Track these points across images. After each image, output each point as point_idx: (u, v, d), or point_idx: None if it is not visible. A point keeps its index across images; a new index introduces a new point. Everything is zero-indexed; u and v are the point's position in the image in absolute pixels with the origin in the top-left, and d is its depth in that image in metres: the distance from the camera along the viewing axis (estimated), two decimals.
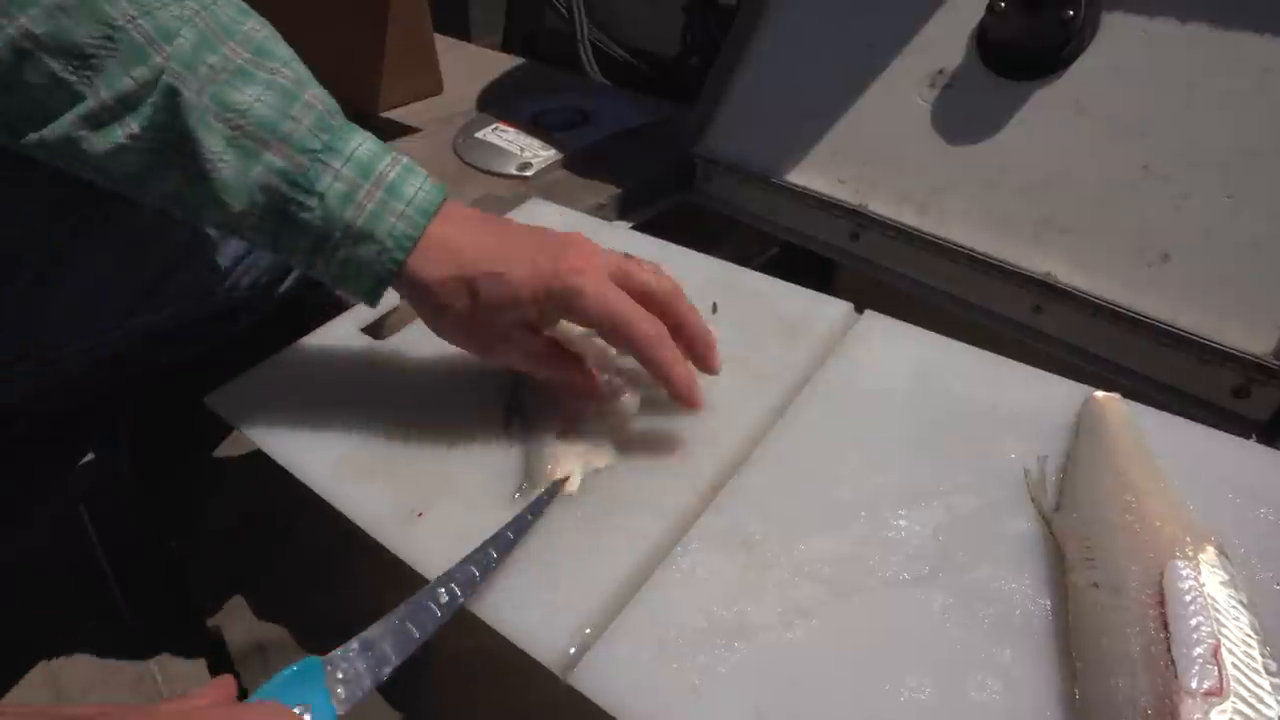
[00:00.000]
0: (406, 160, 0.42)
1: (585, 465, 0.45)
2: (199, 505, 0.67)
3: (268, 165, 0.39)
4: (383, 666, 0.34)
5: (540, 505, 0.43)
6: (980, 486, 0.43)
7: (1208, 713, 0.29)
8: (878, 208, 0.69)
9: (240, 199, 0.39)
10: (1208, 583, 0.34)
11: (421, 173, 0.42)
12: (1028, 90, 0.62)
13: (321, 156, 0.39)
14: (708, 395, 0.46)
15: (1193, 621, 0.32)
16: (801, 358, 0.52)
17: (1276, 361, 0.51)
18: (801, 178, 0.73)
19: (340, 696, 0.32)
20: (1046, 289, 0.60)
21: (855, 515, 0.42)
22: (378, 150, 0.41)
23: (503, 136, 0.94)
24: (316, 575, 0.59)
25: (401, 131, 1.02)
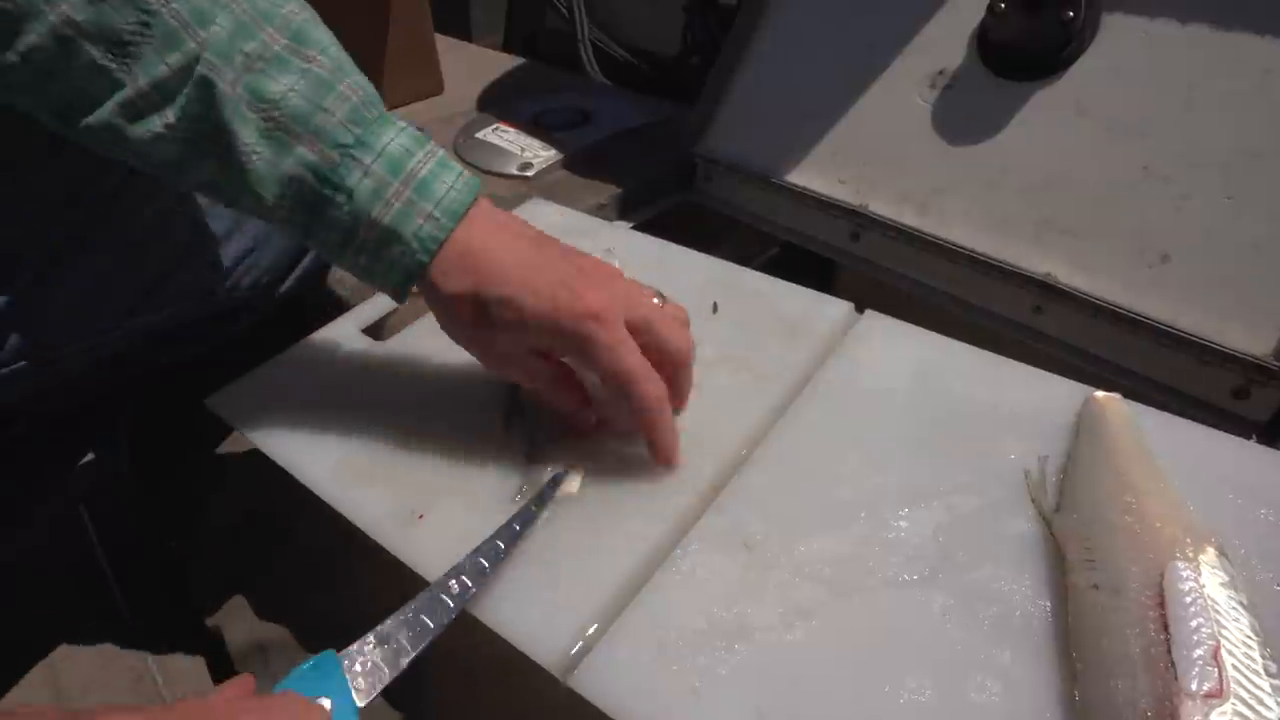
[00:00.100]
0: (441, 155, 0.41)
1: (586, 466, 0.45)
2: (199, 505, 0.67)
3: (299, 159, 0.38)
4: (400, 658, 0.34)
5: (545, 498, 0.43)
6: (980, 487, 0.43)
7: (1208, 714, 0.29)
8: (878, 208, 0.69)
9: (272, 191, 0.39)
10: (1208, 584, 0.34)
11: (455, 169, 0.41)
12: (1028, 91, 0.62)
13: (353, 151, 0.39)
14: (708, 395, 0.46)
15: (1193, 623, 0.32)
16: (802, 358, 0.52)
17: (1276, 362, 0.51)
18: (802, 178, 0.73)
19: (360, 688, 0.32)
20: (1047, 289, 0.60)
21: (855, 515, 0.42)
22: (411, 144, 0.40)
23: (503, 136, 0.94)
24: (316, 576, 0.59)
25: None
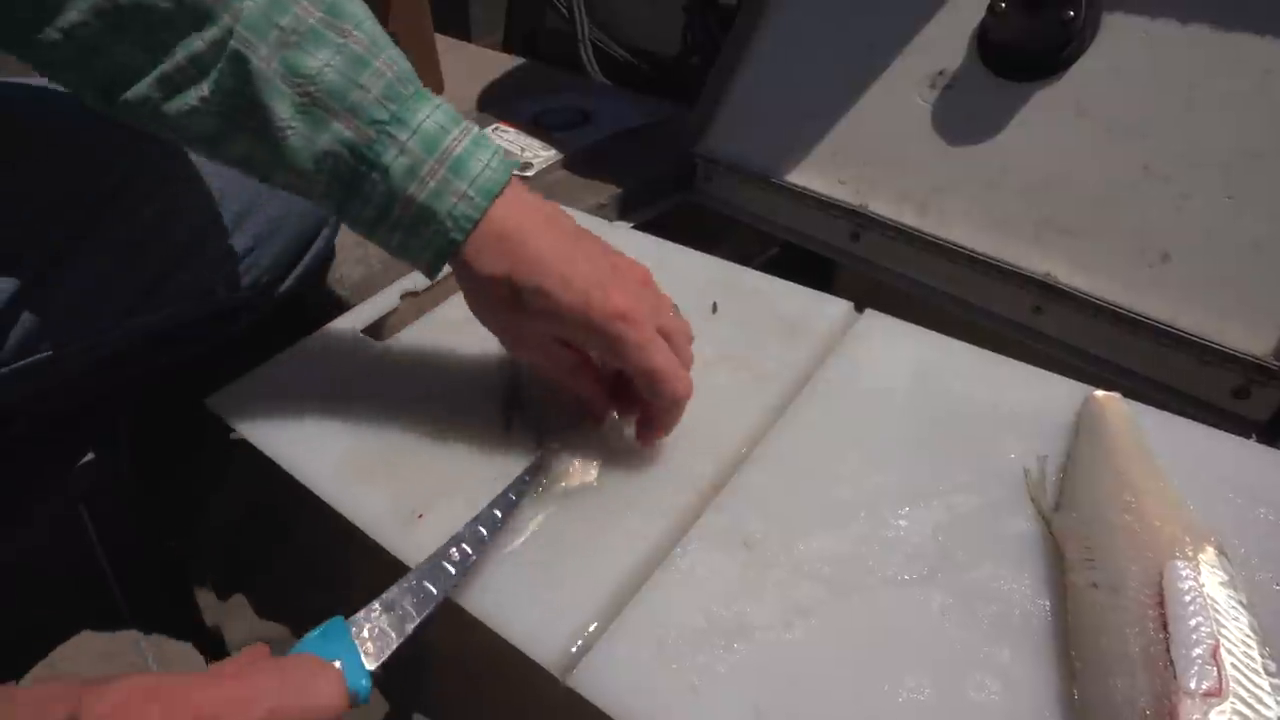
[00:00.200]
0: (476, 132, 0.41)
1: (598, 460, 0.46)
2: (199, 505, 0.68)
3: (335, 135, 0.38)
4: (406, 623, 0.35)
5: (537, 469, 0.44)
6: (980, 486, 0.43)
7: (1206, 713, 0.29)
8: (878, 208, 0.69)
9: (308, 167, 0.39)
10: (1207, 583, 0.34)
11: (490, 146, 0.41)
12: (1028, 91, 0.62)
13: (388, 128, 0.39)
14: (708, 394, 0.46)
15: (1192, 622, 0.32)
16: (802, 357, 0.52)
17: (1276, 362, 0.51)
18: (802, 178, 0.73)
19: (369, 652, 0.33)
20: (1047, 289, 0.60)
21: (855, 515, 0.42)
22: (446, 121, 0.40)
23: (503, 136, 0.94)
24: (316, 575, 0.59)
25: None
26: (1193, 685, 0.30)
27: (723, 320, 0.56)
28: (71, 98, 0.52)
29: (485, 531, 0.40)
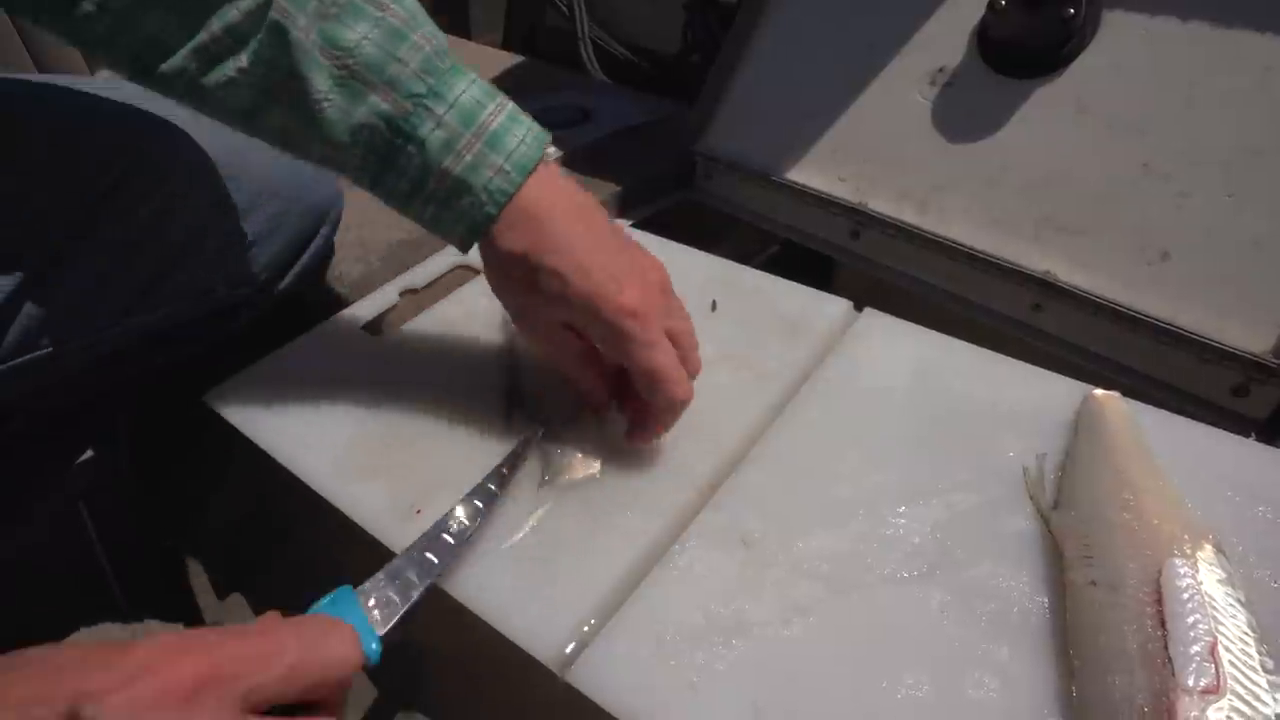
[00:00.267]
0: (511, 107, 0.41)
1: (600, 452, 0.46)
2: (198, 503, 0.68)
3: (372, 108, 0.38)
4: (410, 590, 0.36)
5: (526, 445, 0.45)
6: (979, 484, 0.43)
7: (1205, 710, 0.29)
8: (878, 206, 0.69)
9: (344, 139, 0.39)
10: (1205, 581, 0.34)
11: (525, 121, 0.41)
12: (1028, 88, 0.62)
13: (425, 102, 0.39)
14: (708, 392, 0.46)
15: (1190, 619, 0.32)
16: (801, 356, 0.52)
17: (1276, 360, 0.51)
18: (802, 175, 0.73)
19: (376, 618, 0.33)
20: (1046, 287, 0.60)
21: (854, 513, 0.42)
22: (482, 96, 0.40)
23: None
24: (315, 572, 0.59)
25: None
26: (1191, 682, 0.30)
27: (722, 319, 0.56)
28: (69, 96, 0.52)
29: (481, 505, 0.41)
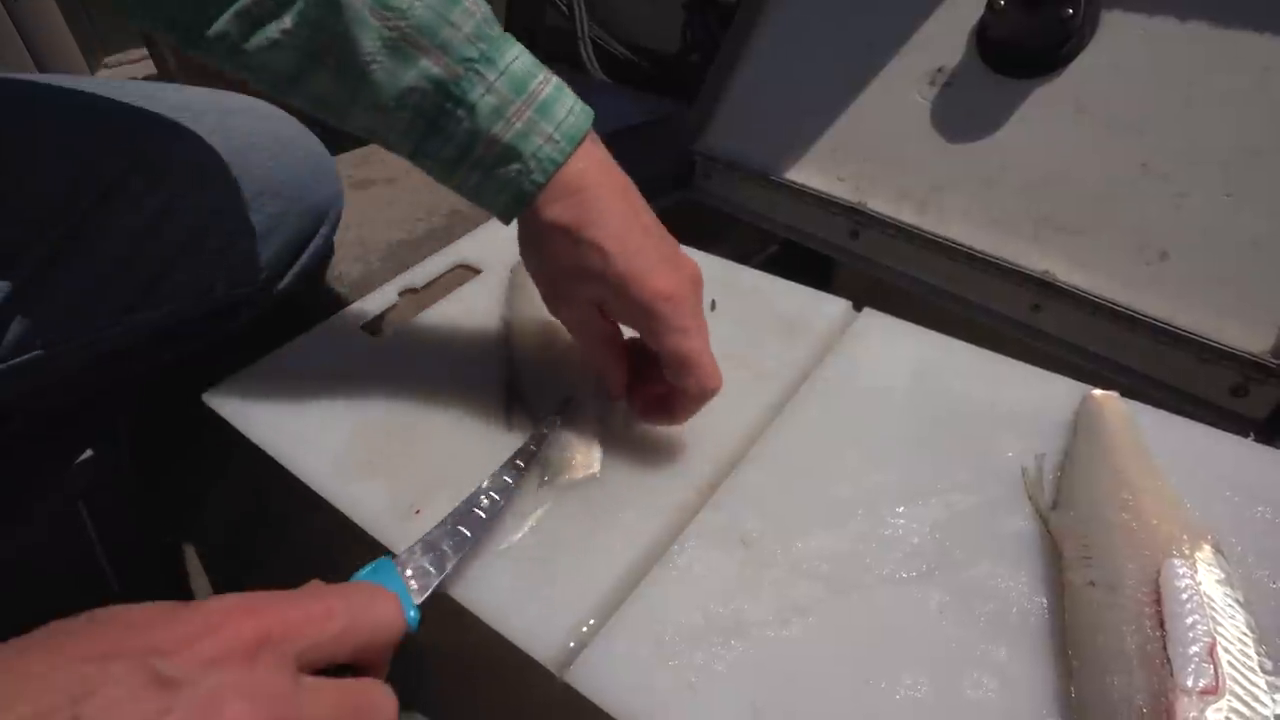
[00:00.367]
0: (557, 80, 0.41)
1: (600, 452, 0.46)
2: (198, 501, 0.68)
3: (422, 71, 0.38)
4: (445, 562, 0.37)
5: (541, 438, 0.46)
6: (978, 484, 0.43)
7: (1203, 711, 0.29)
8: (877, 205, 0.69)
9: (390, 103, 0.39)
10: (1204, 581, 0.34)
11: (571, 95, 0.41)
12: (1027, 88, 0.62)
13: (477, 66, 0.38)
14: None
15: (1189, 620, 0.32)
16: (800, 355, 0.52)
17: (1275, 360, 0.51)
18: (801, 175, 0.73)
19: (413, 588, 0.35)
20: (1045, 287, 0.60)
21: (853, 513, 0.42)
22: (531, 65, 0.40)
23: None
24: (315, 571, 0.59)
25: None
26: (1189, 683, 0.30)
27: (721, 318, 0.55)
28: (69, 96, 0.52)
29: (510, 481, 0.42)
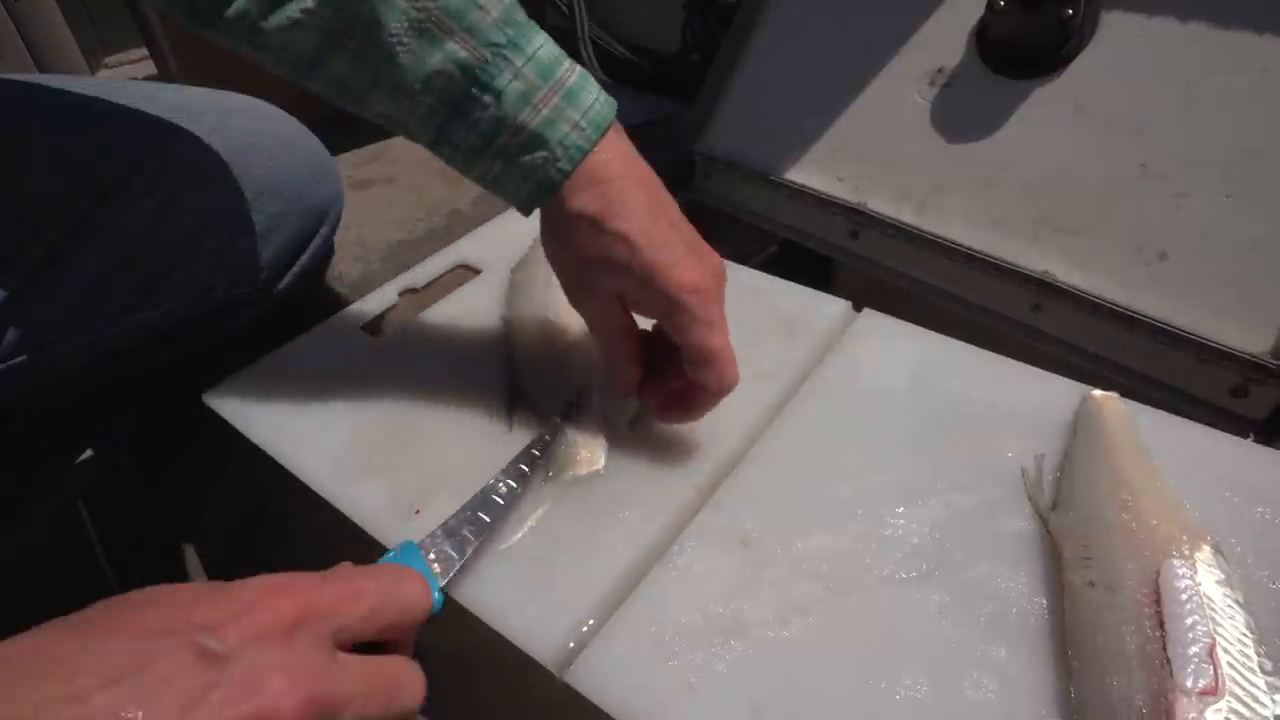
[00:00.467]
0: (581, 69, 0.41)
1: (604, 447, 0.46)
2: (198, 501, 0.67)
3: (449, 54, 0.37)
4: (466, 547, 0.38)
5: (554, 432, 0.46)
6: (978, 485, 0.43)
7: (1203, 711, 0.29)
8: (877, 206, 0.69)
9: (414, 86, 0.38)
10: (1204, 582, 0.34)
11: (595, 84, 0.41)
12: (1027, 89, 0.62)
13: (505, 52, 0.38)
14: None
15: (1188, 620, 0.32)
16: (800, 356, 0.52)
17: (1274, 361, 0.51)
18: (801, 175, 0.73)
19: (436, 571, 0.36)
20: (1045, 287, 0.60)
21: (853, 513, 0.42)
22: (557, 53, 0.40)
23: None
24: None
25: None
26: (1189, 683, 0.30)
27: None
28: (69, 96, 0.52)
29: (527, 469, 0.43)
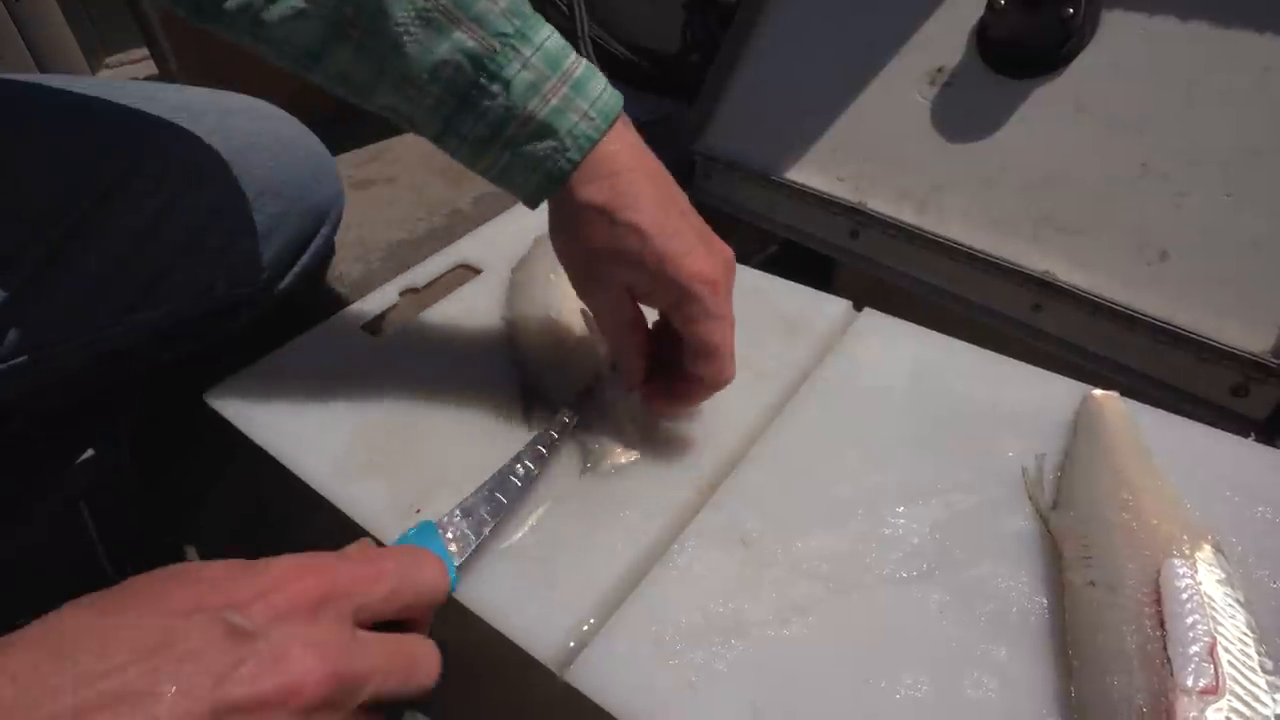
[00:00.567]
0: (587, 61, 0.40)
1: (637, 434, 0.47)
2: (199, 501, 0.68)
3: (456, 44, 0.37)
4: (483, 527, 0.39)
5: (564, 429, 0.46)
6: (979, 484, 0.43)
7: (1203, 711, 0.29)
8: (877, 205, 0.69)
9: (421, 76, 0.38)
10: (1204, 581, 0.34)
11: (601, 75, 0.41)
12: (1027, 88, 0.62)
13: (513, 42, 0.37)
14: None
15: (1189, 620, 0.32)
16: (800, 355, 0.52)
17: (1275, 360, 0.51)
18: (801, 175, 0.73)
19: (453, 550, 0.37)
20: (1046, 287, 0.60)
21: (853, 513, 0.42)
22: (564, 44, 0.40)
23: None
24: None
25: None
26: (1190, 683, 0.30)
27: None
28: (70, 96, 0.52)
29: (545, 450, 0.44)
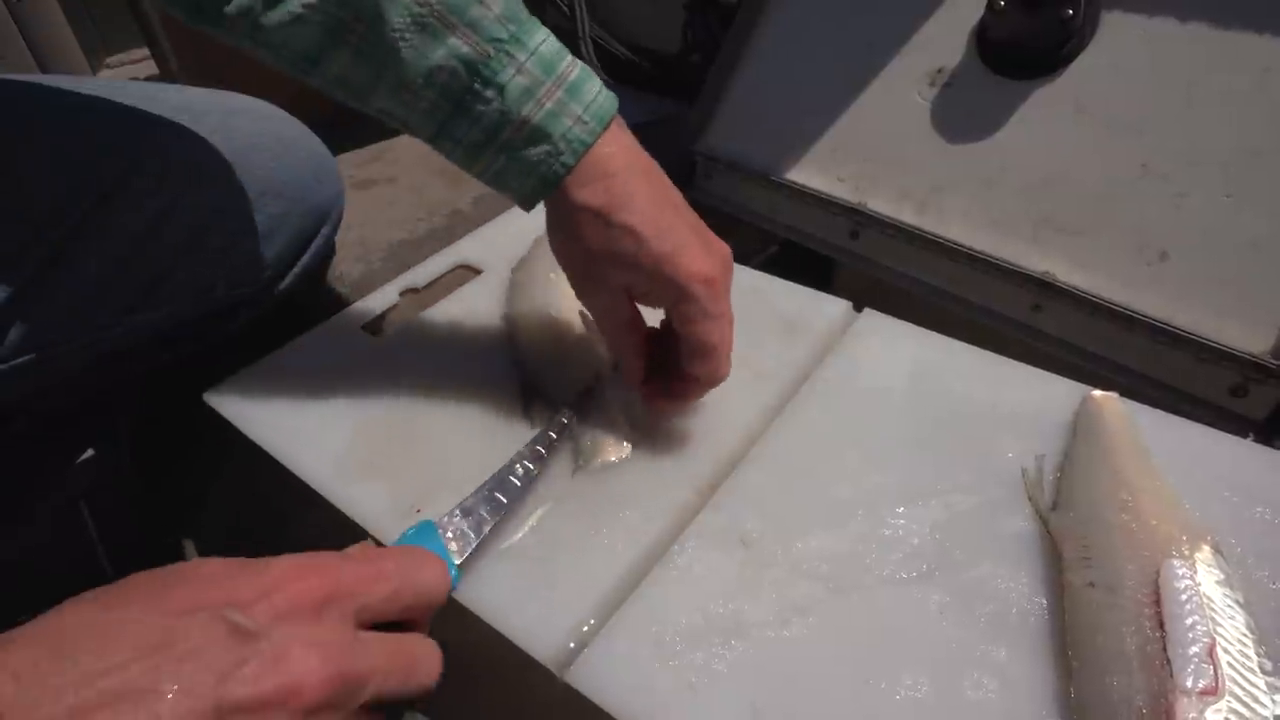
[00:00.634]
0: (583, 64, 0.41)
1: (628, 433, 0.47)
2: (199, 501, 0.68)
3: (451, 50, 0.37)
4: (483, 526, 0.39)
5: (564, 428, 0.47)
6: (978, 485, 0.43)
7: (1203, 711, 0.29)
8: (877, 206, 0.69)
9: (417, 81, 0.38)
10: (1204, 582, 0.34)
11: (596, 78, 0.41)
12: (1027, 89, 0.62)
13: (507, 47, 0.38)
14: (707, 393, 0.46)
15: (1188, 620, 0.32)
16: (800, 356, 0.52)
17: (1274, 360, 0.51)
18: (801, 175, 0.73)
19: (453, 550, 0.37)
20: (1045, 288, 0.60)
21: (853, 513, 0.42)
22: (559, 48, 0.40)
23: None
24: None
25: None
26: (1189, 684, 0.30)
27: None
28: (70, 96, 0.52)
29: (544, 450, 0.44)
